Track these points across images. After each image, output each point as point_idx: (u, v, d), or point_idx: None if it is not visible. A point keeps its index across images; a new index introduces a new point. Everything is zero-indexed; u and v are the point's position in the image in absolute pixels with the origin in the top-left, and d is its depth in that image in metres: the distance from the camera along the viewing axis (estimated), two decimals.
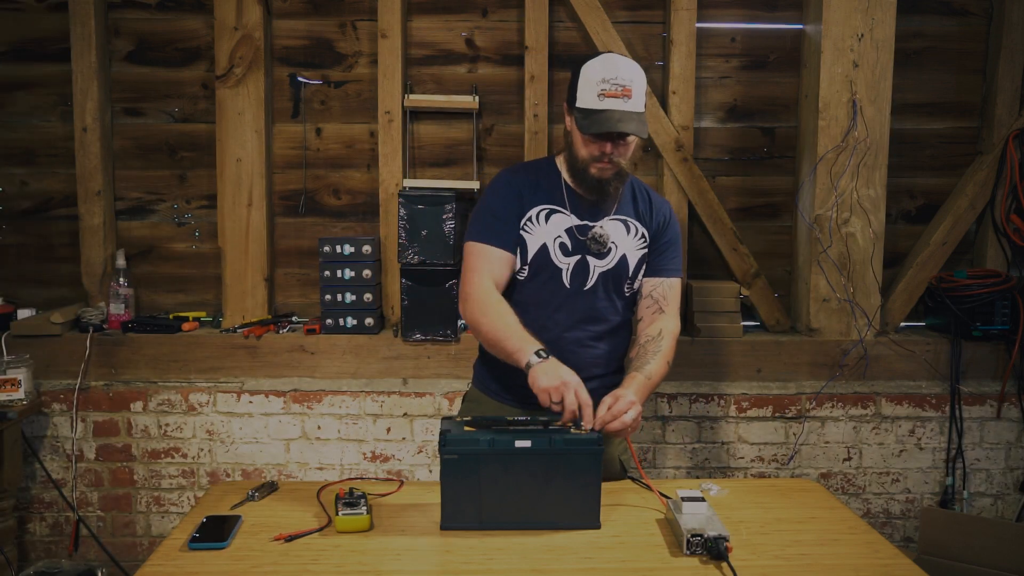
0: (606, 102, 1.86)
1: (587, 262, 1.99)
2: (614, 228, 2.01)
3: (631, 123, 1.86)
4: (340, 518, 1.67)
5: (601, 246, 1.99)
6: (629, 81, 1.87)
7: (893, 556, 1.62)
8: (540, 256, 1.98)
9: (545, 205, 2.00)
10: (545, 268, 1.99)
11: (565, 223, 1.99)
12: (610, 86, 1.86)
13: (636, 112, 1.88)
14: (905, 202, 3.18)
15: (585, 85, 1.89)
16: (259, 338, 2.94)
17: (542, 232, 1.98)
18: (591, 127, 1.87)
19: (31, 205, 3.14)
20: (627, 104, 1.86)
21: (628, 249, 2.02)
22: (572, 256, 1.99)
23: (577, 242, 1.99)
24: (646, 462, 3.00)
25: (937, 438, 3.02)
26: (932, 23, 3.11)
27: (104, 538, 2.97)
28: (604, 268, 2.00)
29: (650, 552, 1.61)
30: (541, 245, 1.98)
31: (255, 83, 2.97)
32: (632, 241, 2.03)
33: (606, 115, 1.86)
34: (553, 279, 1.99)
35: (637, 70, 1.90)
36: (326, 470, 2.99)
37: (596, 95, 1.87)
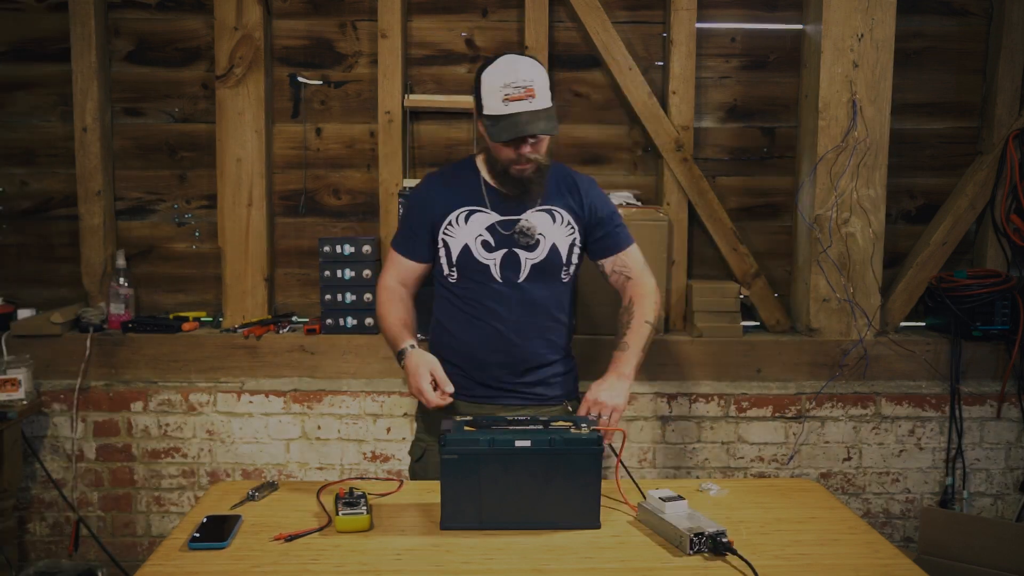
0: (511, 106, 1.90)
1: (517, 256, 2.04)
2: (540, 219, 2.06)
3: (539, 123, 1.91)
4: (340, 518, 1.67)
5: (529, 238, 2.03)
6: (530, 81, 1.90)
7: (893, 556, 1.62)
8: (464, 256, 2.06)
9: (464, 207, 2.07)
10: (471, 266, 2.06)
11: (486, 221, 2.05)
12: (512, 89, 1.90)
13: (543, 109, 1.92)
14: (905, 202, 3.18)
15: (489, 92, 1.94)
16: (259, 338, 2.94)
17: (463, 233, 2.05)
18: (501, 134, 1.92)
19: (31, 205, 3.14)
20: (532, 104, 1.90)
21: (557, 238, 2.06)
22: (498, 251, 2.04)
23: (502, 237, 2.04)
24: (646, 462, 3.00)
25: (937, 438, 3.02)
26: (932, 23, 3.11)
27: (104, 538, 2.97)
28: (536, 260, 2.05)
29: (650, 552, 1.61)
30: (463, 246, 2.05)
31: (255, 83, 2.97)
32: (560, 229, 2.07)
33: (513, 119, 1.91)
34: (482, 275, 2.05)
35: (537, 68, 1.96)
36: (326, 470, 2.99)
37: (501, 100, 1.91)
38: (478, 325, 2.07)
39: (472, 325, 2.07)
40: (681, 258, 3.06)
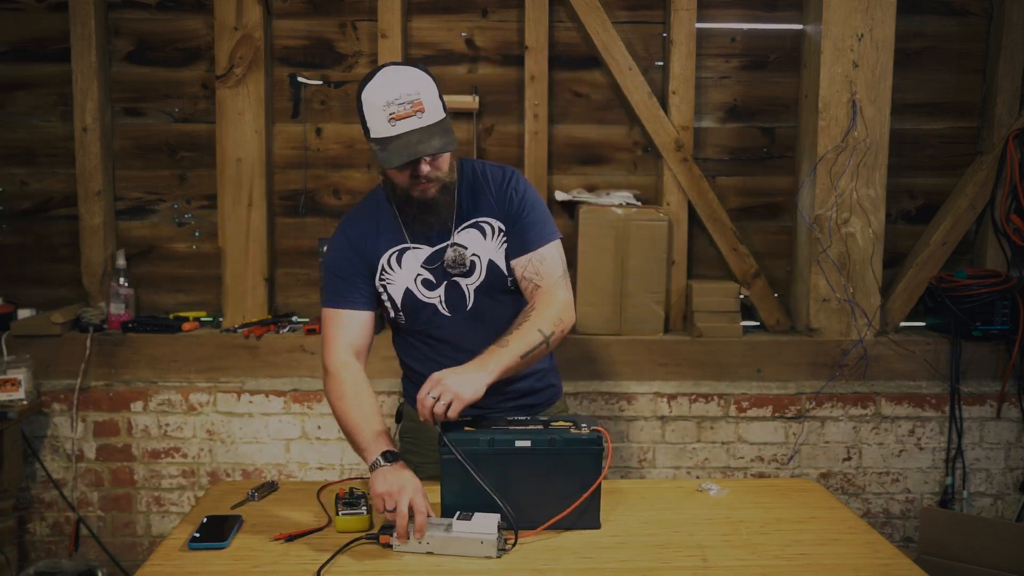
0: (399, 125, 1.69)
1: (458, 284, 1.88)
2: (469, 238, 1.87)
3: (432, 140, 1.70)
4: (340, 518, 1.67)
5: (462, 265, 1.86)
6: (416, 94, 1.69)
7: (893, 556, 1.62)
8: (407, 299, 1.89)
9: (392, 248, 1.88)
10: (416, 307, 1.89)
11: (419, 257, 1.87)
12: (396, 107, 1.68)
13: (435, 123, 1.71)
14: (905, 202, 3.18)
15: (372, 113, 1.72)
16: (259, 338, 2.94)
17: (400, 277, 1.88)
18: (392, 159, 1.70)
19: (31, 205, 3.14)
20: (422, 119, 1.69)
21: (492, 254, 1.88)
22: (438, 287, 1.88)
23: (438, 271, 1.87)
24: (646, 462, 3.00)
25: (937, 438, 3.02)
26: (932, 23, 3.10)
27: (104, 538, 2.97)
28: (476, 284, 1.88)
29: (650, 552, 1.61)
30: (405, 290, 1.88)
31: (255, 83, 2.97)
32: (492, 243, 1.88)
33: (403, 140, 1.69)
34: (430, 314, 1.89)
35: (421, 77, 1.73)
36: (326, 470, 2.99)
37: (386, 120, 1.69)
38: (443, 359, 1.86)
39: (437, 360, 1.88)
40: (681, 258, 3.06)
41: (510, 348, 1.74)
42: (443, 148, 1.73)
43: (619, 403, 2.97)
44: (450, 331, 1.91)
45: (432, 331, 1.92)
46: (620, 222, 2.90)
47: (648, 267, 2.93)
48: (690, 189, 3.03)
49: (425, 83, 1.73)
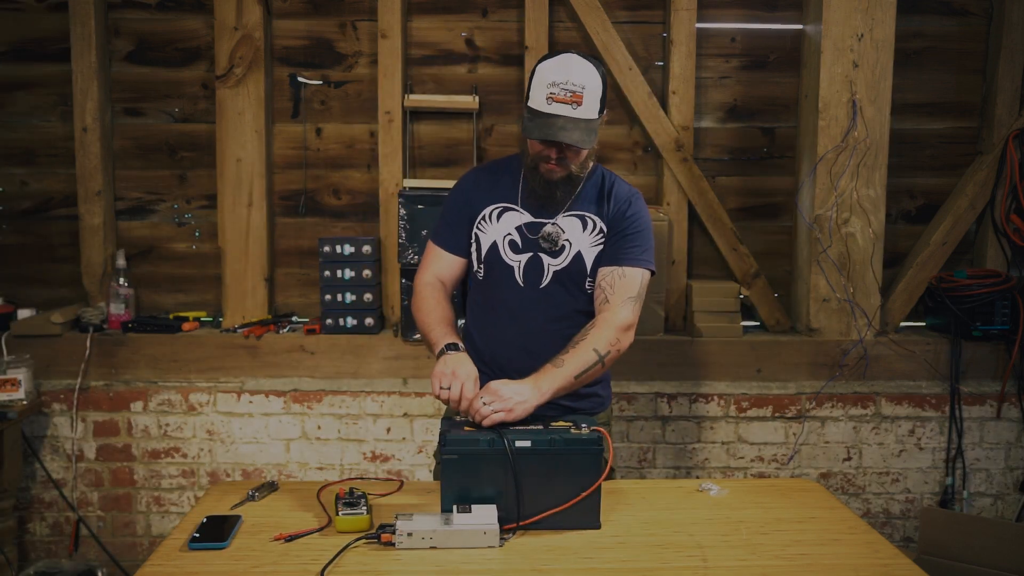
0: (553, 106, 1.80)
1: (540, 260, 1.96)
2: (570, 224, 1.97)
3: (574, 132, 1.80)
4: (340, 518, 1.67)
5: (552, 244, 1.95)
6: (580, 87, 1.80)
7: (893, 556, 1.62)
8: (491, 254, 1.98)
9: (499, 204, 1.99)
10: (497, 265, 1.98)
11: (516, 221, 1.97)
12: (559, 90, 1.80)
13: (584, 119, 1.82)
14: (905, 202, 3.18)
15: (537, 85, 1.84)
16: (259, 338, 2.94)
17: (494, 230, 1.98)
18: (533, 131, 1.84)
19: (31, 205, 3.14)
20: (575, 111, 1.81)
21: (583, 246, 1.96)
22: (523, 254, 1.96)
23: (528, 240, 1.96)
24: (646, 462, 3.00)
25: (937, 438, 3.02)
26: (932, 23, 3.11)
27: (104, 538, 2.97)
28: (559, 266, 1.96)
29: (650, 552, 1.61)
30: (492, 243, 1.98)
31: (255, 83, 2.97)
32: (588, 237, 1.96)
33: (550, 120, 1.81)
34: (506, 276, 1.97)
35: (592, 75, 1.83)
36: (326, 470, 2.99)
37: (545, 97, 1.81)
38: (499, 328, 1.99)
39: (493, 325, 2.00)
40: (681, 258, 3.06)
41: (565, 368, 1.81)
42: (578, 143, 1.82)
43: (619, 403, 2.97)
44: (517, 302, 1.98)
45: (502, 296, 1.99)
46: None
47: None
48: (690, 189, 3.03)
49: (593, 81, 1.83)
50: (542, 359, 1.87)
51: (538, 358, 1.88)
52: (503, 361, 1.98)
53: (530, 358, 1.90)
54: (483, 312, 2.05)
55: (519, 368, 1.90)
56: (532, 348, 1.94)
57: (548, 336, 1.95)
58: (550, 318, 1.96)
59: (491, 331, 2.02)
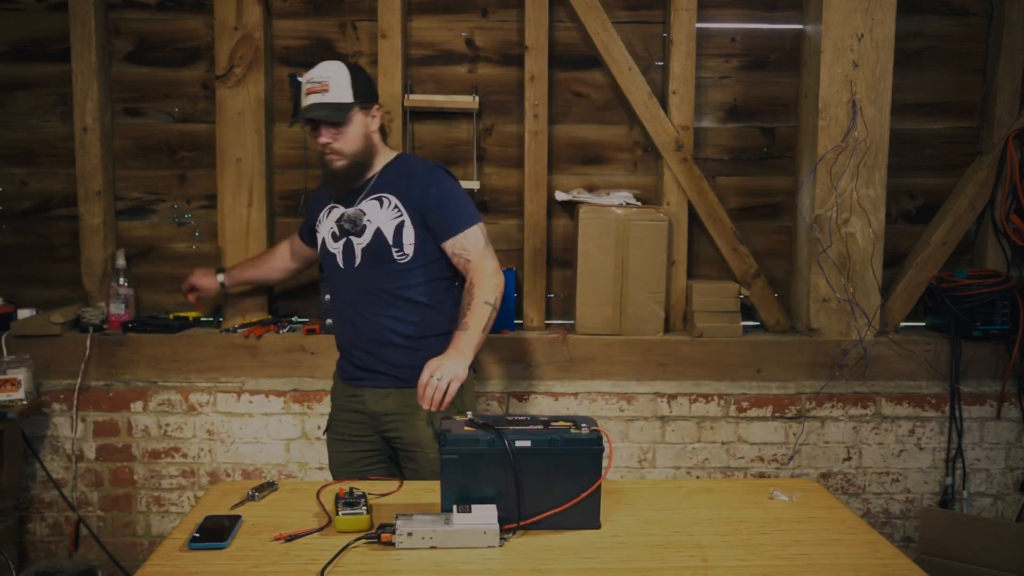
0: (308, 98, 2.18)
1: (351, 242, 2.23)
2: (370, 207, 2.22)
3: (323, 111, 2.15)
4: (340, 518, 1.67)
5: (354, 225, 2.21)
6: (327, 77, 2.16)
7: (893, 556, 1.62)
8: (323, 248, 2.30)
9: (327, 204, 2.32)
10: (326, 257, 2.29)
11: (337, 214, 2.27)
12: (311, 84, 2.17)
13: (332, 103, 2.15)
14: (905, 202, 3.18)
15: (301, 91, 2.22)
16: (259, 338, 2.94)
17: (323, 227, 2.31)
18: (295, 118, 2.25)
19: (31, 205, 3.14)
20: (325, 96, 2.16)
21: (382, 222, 2.20)
22: (340, 240, 2.25)
23: (341, 228, 2.25)
24: (646, 462, 3.00)
25: (937, 438, 3.02)
26: (932, 23, 3.11)
27: (104, 538, 2.97)
28: (363, 244, 2.21)
29: (650, 552, 1.61)
30: (322, 239, 2.30)
31: (255, 83, 2.97)
32: (386, 213, 2.20)
33: (306, 109, 2.17)
34: (332, 264, 2.28)
35: (337, 67, 2.18)
36: (326, 470, 2.97)
37: (304, 94, 2.19)
38: (337, 309, 2.32)
39: (335, 309, 2.34)
40: (681, 258, 3.07)
41: (472, 328, 2.08)
42: (327, 117, 2.15)
43: (619, 403, 2.97)
44: (341, 283, 2.28)
45: (333, 284, 2.33)
46: (620, 222, 2.90)
47: (648, 267, 2.93)
48: (690, 189, 3.03)
49: (338, 71, 2.18)
50: (360, 333, 2.23)
51: (356, 332, 2.24)
52: (340, 337, 2.32)
53: (353, 333, 2.26)
54: (331, 304, 2.40)
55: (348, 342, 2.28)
56: (352, 323, 2.26)
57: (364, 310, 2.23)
58: (365, 293, 2.22)
59: (335, 314, 2.36)
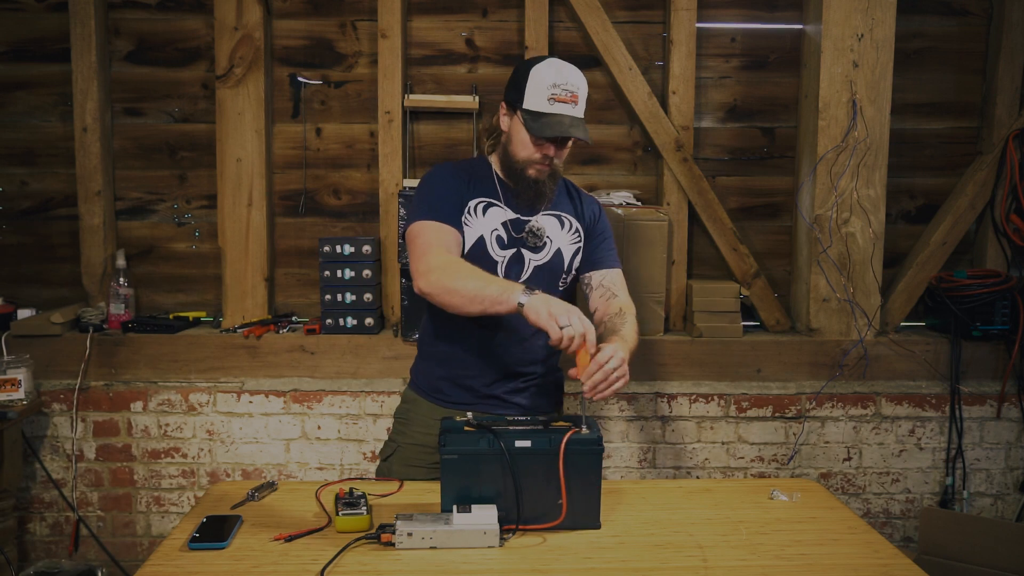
0: (556, 106, 1.90)
1: (522, 255, 2.01)
2: (549, 223, 2.04)
3: (579, 128, 1.92)
4: (340, 518, 1.67)
5: (537, 239, 2.01)
6: (577, 88, 1.93)
7: (893, 556, 1.62)
8: (477, 248, 1.97)
9: (482, 198, 2.01)
10: (481, 260, 1.95)
11: (502, 216, 2.00)
12: (561, 91, 1.91)
13: (581, 118, 1.95)
14: (905, 202, 3.18)
15: (535, 88, 1.91)
16: (259, 338, 2.94)
17: (480, 224, 1.98)
18: (543, 130, 1.90)
19: (31, 205, 3.14)
20: (574, 110, 1.93)
21: (563, 243, 2.04)
22: (508, 249, 2.00)
23: (513, 236, 2.00)
24: (646, 462, 3.00)
25: (937, 438, 3.02)
26: (932, 23, 3.11)
27: (104, 538, 2.97)
28: (540, 262, 2.01)
29: (650, 552, 1.61)
30: (479, 237, 1.97)
31: (255, 83, 2.97)
32: (567, 236, 2.05)
33: (557, 119, 1.90)
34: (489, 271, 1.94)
35: (583, 78, 1.96)
36: (326, 470, 2.99)
37: (546, 99, 1.90)
38: (475, 328, 1.98)
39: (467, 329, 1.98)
40: (681, 258, 3.07)
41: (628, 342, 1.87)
42: (586, 137, 1.93)
43: (619, 403, 2.97)
44: None
45: None
46: (620, 222, 2.90)
47: (648, 267, 2.93)
48: (690, 189, 3.03)
49: (584, 83, 1.96)
50: (505, 357, 1.99)
51: (502, 356, 1.99)
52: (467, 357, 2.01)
53: (494, 355, 1.99)
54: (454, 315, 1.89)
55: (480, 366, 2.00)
56: (499, 344, 1.99)
57: (515, 334, 1.99)
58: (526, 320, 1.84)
59: (462, 334, 2.00)
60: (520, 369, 2.03)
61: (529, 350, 2.04)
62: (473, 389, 2.03)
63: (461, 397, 2.04)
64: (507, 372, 2.02)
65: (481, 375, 2.02)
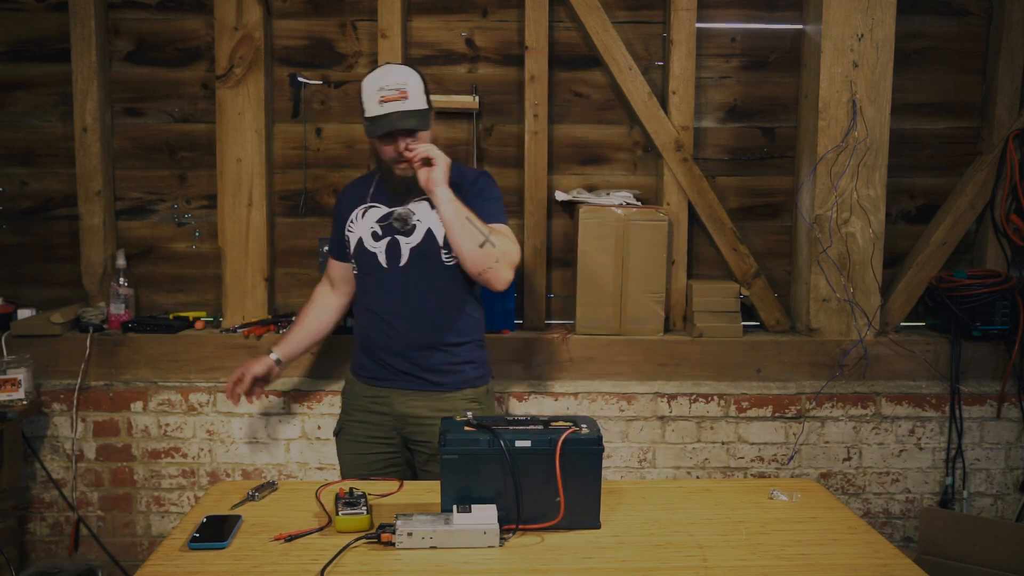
0: (386, 106, 2.09)
1: (397, 242, 2.20)
2: (420, 208, 2.19)
3: (410, 120, 2.09)
4: (340, 518, 1.67)
5: (403, 223, 2.19)
6: (403, 84, 2.10)
7: (893, 556, 1.62)
8: (359, 247, 2.24)
9: (362, 204, 2.27)
10: (363, 256, 2.23)
11: (377, 214, 2.23)
12: (387, 91, 2.09)
13: (415, 110, 2.10)
14: (905, 202, 3.18)
15: (367, 96, 2.12)
16: (259, 338, 2.94)
17: (360, 227, 2.25)
18: (374, 131, 2.11)
19: (31, 205, 3.14)
20: (405, 104, 2.09)
21: (433, 223, 2.18)
22: (382, 240, 2.21)
23: (386, 227, 2.21)
24: (646, 462, 3.00)
25: (937, 438, 3.02)
26: (932, 23, 3.11)
27: (104, 538, 2.97)
28: (413, 244, 2.19)
29: (650, 552, 1.61)
30: (359, 239, 2.24)
31: (255, 83, 2.97)
32: (436, 215, 2.15)
33: (387, 118, 2.08)
34: (372, 263, 2.22)
35: (410, 73, 2.14)
36: (326, 470, 2.99)
37: (377, 102, 2.10)
38: (371, 310, 2.24)
39: (367, 310, 2.25)
40: (681, 258, 3.07)
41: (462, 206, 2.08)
42: (416, 127, 2.10)
43: (619, 403, 2.97)
44: (383, 283, 2.21)
45: (371, 284, 2.24)
46: (620, 222, 2.90)
47: (648, 267, 2.93)
48: (690, 189, 3.03)
49: (412, 77, 2.14)
50: (397, 335, 2.19)
51: (393, 334, 2.19)
52: (370, 338, 2.25)
53: (387, 335, 2.20)
54: (360, 301, 2.30)
55: (381, 345, 2.22)
56: (390, 324, 2.20)
57: (405, 312, 2.19)
58: (408, 295, 2.19)
59: (364, 313, 2.27)
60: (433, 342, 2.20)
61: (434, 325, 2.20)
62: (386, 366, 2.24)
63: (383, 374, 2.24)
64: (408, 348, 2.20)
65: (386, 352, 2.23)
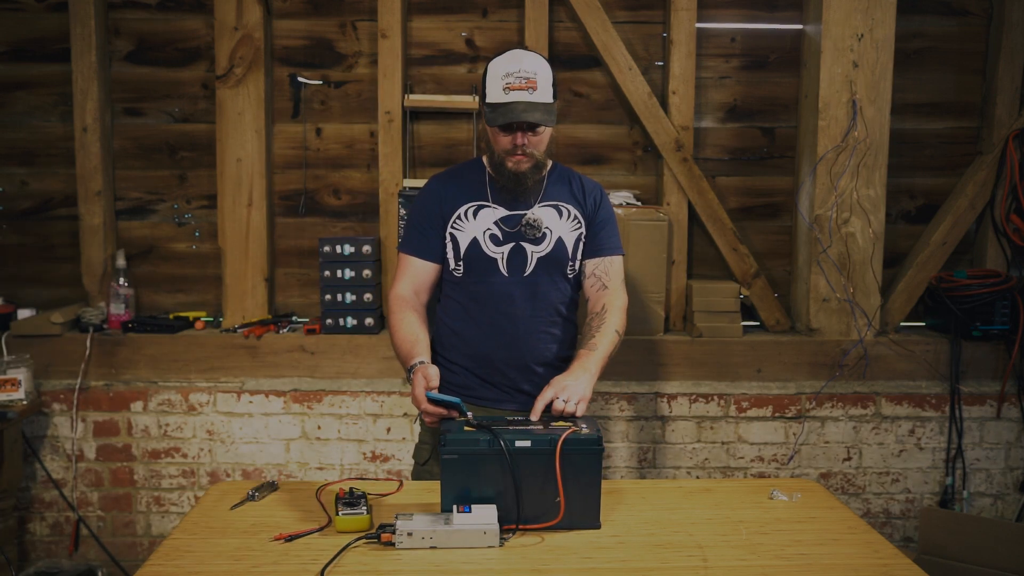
0: (511, 95, 1.92)
1: (523, 248, 2.04)
2: (546, 214, 2.06)
3: (535, 112, 1.92)
4: (340, 518, 1.67)
5: (535, 231, 2.04)
6: (533, 73, 1.93)
7: (893, 556, 1.62)
8: (472, 250, 2.04)
9: (472, 202, 2.07)
10: (479, 260, 2.04)
11: (493, 216, 2.05)
12: (514, 79, 1.92)
13: (542, 103, 1.93)
14: (905, 202, 3.18)
15: (492, 80, 1.96)
16: (259, 338, 2.94)
17: (472, 227, 2.05)
18: (497, 119, 1.93)
19: (31, 205, 3.14)
20: (532, 95, 1.92)
21: (563, 232, 2.06)
22: (505, 245, 2.04)
23: (508, 231, 2.04)
24: (646, 462, 3.00)
25: (937, 438, 3.02)
26: (932, 23, 3.11)
27: (104, 538, 2.97)
28: (541, 253, 2.05)
29: (650, 552, 1.61)
30: (472, 239, 2.04)
31: (255, 83, 2.97)
32: (566, 224, 2.07)
33: (511, 107, 1.92)
34: (489, 269, 2.04)
35: (541, 63, 1.96)
36: (326, 470, 2.99)
37: (502, 89, 1.93)
38: (484, 320, 2.05)
39: (478, 321, 2.06)
40: (681, 258, 3.07)
41: (599, 351, 1.96)
42: (541, 121, 1.93)
43: (619, 403, 2.97)
44: (503, 292, 2.04)
45: (487, 290, 2.05)
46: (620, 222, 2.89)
47: (648, 267, 2.93)
48: (690, 189, 3.03)
49: (543, 68, 1.96)
50: (525, 347, 2.04)
51: (520, 347, 2.04)
52: (487, 350, 2.07)
53: (512, 348, 2.05)
54: (464, 309, 2.08)
55: (502, 357, 2.05)
56: (517, 336, 2.05)
57: (531, 324, 2.06)
58: (534, 306, 2.05)
59: (473, 324, 2.07)
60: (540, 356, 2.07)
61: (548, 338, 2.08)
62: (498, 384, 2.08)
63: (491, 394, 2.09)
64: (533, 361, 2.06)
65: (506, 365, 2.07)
